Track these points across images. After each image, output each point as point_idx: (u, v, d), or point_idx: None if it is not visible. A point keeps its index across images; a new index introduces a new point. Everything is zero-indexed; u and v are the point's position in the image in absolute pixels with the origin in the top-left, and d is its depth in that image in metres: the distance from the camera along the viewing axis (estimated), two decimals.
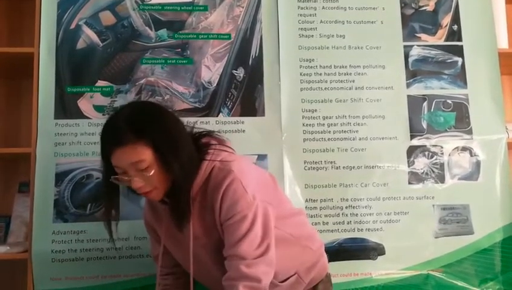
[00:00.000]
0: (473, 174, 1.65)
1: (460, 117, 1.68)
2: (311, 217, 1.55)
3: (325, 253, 1.25)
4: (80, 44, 1.59)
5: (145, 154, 0.99)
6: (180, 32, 1.63)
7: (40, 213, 1.48)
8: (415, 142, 1.65)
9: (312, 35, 1.68)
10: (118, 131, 1.00)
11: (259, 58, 1.65)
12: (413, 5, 1.74)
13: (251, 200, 1.02)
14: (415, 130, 1.66)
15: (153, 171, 1.00)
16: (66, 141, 1.54)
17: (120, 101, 1.57)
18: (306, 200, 1.58)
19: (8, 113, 1.81)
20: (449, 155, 1.65)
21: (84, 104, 1.57)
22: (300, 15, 1.69)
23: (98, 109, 1.57)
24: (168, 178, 1.03)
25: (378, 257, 1.56)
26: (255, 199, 1.03)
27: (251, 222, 1.02)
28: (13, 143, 1.75)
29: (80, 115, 1.56)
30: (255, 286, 0.99)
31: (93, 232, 1.49)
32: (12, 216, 1.63)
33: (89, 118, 1.56)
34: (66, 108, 1.56)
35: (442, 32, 1.74)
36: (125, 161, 0.99)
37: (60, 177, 1.51)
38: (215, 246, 1.08)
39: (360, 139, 1.63)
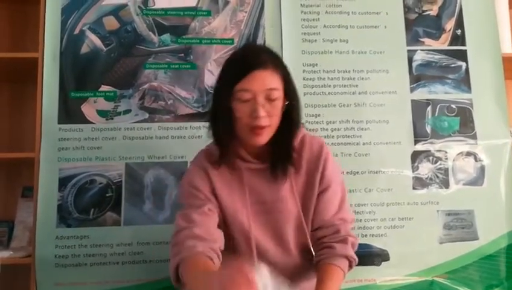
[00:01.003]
0: (477, 180, 1.64)
1: (464, 122, 1.68)
2: None
3: None
4: (84, 49, 1.60)
5: (279, 87, 1.02)
6: (184, 37, 1.64)
7: (43, 218, 1.49)
8: (419, 147, 1.64)
9: (315, 40, 1.68)
10: (262, 55, 1.03)
11: None
12: (416, 10, 1.74)
13: (340, 173, 1.18)
14: (419, 135, 1.65)
15: (278, 105, 1.02)
16: (70, 145, 1.54)
17: (123, 105, 1.58)
18: None
19: (12, 118, 1.81)
20: (453, 160, 1.65)
21: (88, 109, 1.57)
22: (304, 20, 1.69)
23: (102, 113, 1.57)
24: (279, 121, 1.06)
25: (383, 262, 1.55)
26: None
27: (343, 190, 1.15)
28: (17, 148, 1.76)
29: (83, 119, 1.56)
30: (355, 243, 1.12)
31: (97, 237, 1.49)
32: (16, 221, 1.64)
33: (92, 122, 1.56)
34: (69, 113, 1.56)
35: (446, 37, 1.74)
36: (263, 85, 1.00)
37: (63, 182, 1.52)
38: (297, 215, 1.11)
39: (363, 144, 1.62)
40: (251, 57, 1.04)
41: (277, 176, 1.09)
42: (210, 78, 1.62)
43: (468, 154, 1.66)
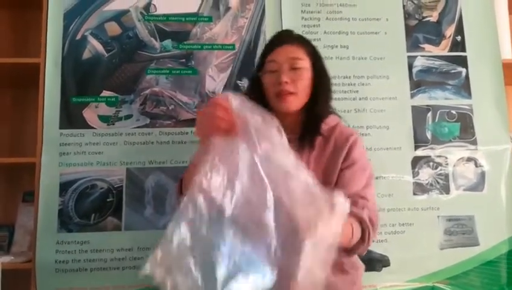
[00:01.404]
0: (478, 185, 1.65)
1: (464, 128, 1.68)
2: None
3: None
4: (86, 54, 1.61)
5: (304, 58, 1.14)
6: (185, 42, 1.65)
7: (44, 223, 1.49)
8: (420, 152, 1.65)
9: (316, 46, 1.68)
10: (291, 35, 1.20)
11: None
12: (416, 16, 1.75)
13: (367, 158, 1.17)
14: (419, 141, 1.65)
15: (303, 74, 1.12)
16: (71, 150, 1.54)
17: (125, 111, 1.59)
18: None
19: (13, 123, 1.82)
20: (454, 166, 1.65)
21: (89, 114, 1.57)
22: (304, 26, 1.70)
23: (103, 119, 1.58)
24: (309, 94, 1.14)
25: (383, 268, 1.55)
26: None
27: (369, 176, 1.14)
28: (18, 152, 1.76)
29: (84, 124, 1.57)
30: (374, 220, 1.08)
31: (97, 242, 1.49)
32: (16, 225, 1.64)
33: (93, 128, 1.57)
34: (71, 118, 1.56)
35: (446, 43, 1.74)
36: (286, 55, 1.13)
37: (64, 187, 1.52)
38: None
39: None
40: (281, 35, 1.23)
41: (304, 146, 1.14)
42: (211, 84, 1.63)
43: (469, 159, 1.66)
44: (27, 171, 1.64)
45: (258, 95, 1.16)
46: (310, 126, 1.15)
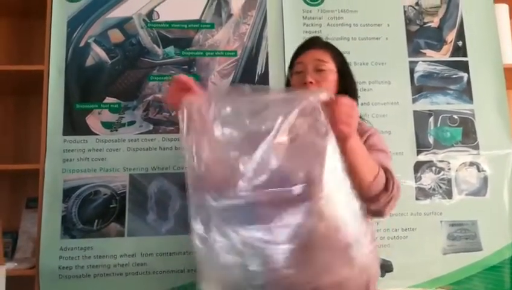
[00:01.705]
0: (480, 190, 1.65)
1: (466, 132, 1.68)
2: None
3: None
4: (89, 61, 1.62)
5: (329, 61, 1.19)
6: (187, 49, 1.66)
7: (47, 229, 1.49)
8: (422, 157, 1.65)
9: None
10: (318, 40, 1.29)
11: (265, 75, 1.66)
12: (417, 22, 1.76)
13: (386, 145, 1.16)
14: (421, 146, 1.66)
15: (328, 76, 1.17)
16: (74, 157, 1.55)
17: (128, 117, 1.60)
18: None
19: (17, 130, 1.83)
20: (456, 171, 1.65)
21: (92, 121, 1.58)
22: (306, 32, 1.70)
23: (106, 125, 1.59)
24: (336, 89, 1.17)
25: (386, 273, 1.54)
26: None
27: (390, 158, 1.13)
28: (21, 159, 1.77)
29: (88, 131, 1.58)
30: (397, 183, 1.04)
31: (100, 248, 1.50)
32: (20, 232, 1.64)
33: (96, 134, 1.58)
34: (74, 124, 1.57)
35: (447, 48, 1.75)
36: (312, 57, 1.19)
37: (67, 193, 1.53)
38: None
39: None
40: (310, 40, 1.30)
41: None
42: None
43: (471, 164, 1.66)
44: (30, 178, 1.64)
45: None
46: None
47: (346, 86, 1.21)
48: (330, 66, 1.19)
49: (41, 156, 1.54)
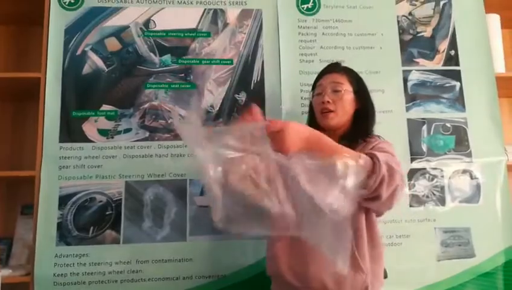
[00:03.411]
0: (473, 197, 1.66)
1: (459, 140, 1.70)
2: None
3: None
4: (86, 69, 1.63)
5: (345, 83, 1.30)
6: (184, 57, 1.67)
7: (43, 236, 1.49)
8: (415, 165, 1.67)
9: (312, 60, 1.71)
10: (337, 65, 1.39)
11: (261, 83, 1.68)
12: (411, 31, 1.79)
13: (394, 152, 1.18)
14: (415, 153, 1.68)
15: (344, 96, 1.28)
16: (70, 164, 1.56)
17: (124, 124, 1.60)
18: None
19: (13, 137, 1.83)
20: (449, 178, 1.67)
21: (89, 128, 1.59)
22: (301, 41, 1.73)
23: (102, 132, 1.59)
24: (350, 115, 1.29)
25: None
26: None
27: (394, 156, 1.14)
28: (16, 166, 1.77)
29: (84, 138, 1.58)
30: (394, 167, 1.07)
31: (96, 255, 1.50)
32: (15, 238, 1.64)
33: (93, 141, 1.58)
34: (70, 132, 1.58)
35: (440, 57, 1.78)
36: (330, 80, 1.31)
37: (63, 200, 1.53)
38: None
39: None
40: (330, 65, 1.40)
41: None
42: (210, 98, 1.65)
43: (464, 172, 1.68)
44: (25, 184, 1.65)
45: (312, 114, 1.38)
46: (346, 139, 1.25)
47: (363, 104, 1.32)
48: (346, 87, 1.30)
49: (37, 163, 1.54)
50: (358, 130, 1.30)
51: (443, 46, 1.79)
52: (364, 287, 1.16)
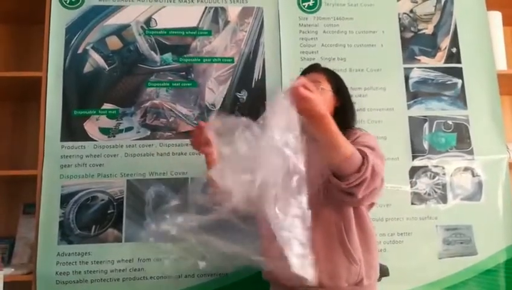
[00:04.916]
0: (475, 195, 1.66)
1: (461, 138, 1.70)
2: None
3: None
4: (87, 68, 1.63)
5: (323, 81, 1.33)
6: (185, 56, 1.67)
7: (45, 235, 1.49)
8: (417, 162, 1.66)
9: (313, 58, 1.71)
10: (317, 66, 1.44)
11: (262, 81, 1.68)
12: (412, 29, 1.79)
13: (377, 144, 1.19)
14: (416, 151, 1.67)
15: (322, 94, 1.29)
16: (72, 163, 1.56)
17: (125, 123, 1.61)
18: None
19: (15, 136, 1.83)
20: (451, 175, 1.67)
21: (90, 127, 1.59)
22: (302, 39, 1.73)
23: (104, 131, 1.60)
24: (330, 112, 1.21)
25: (382, 278, 1.54)
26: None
27: (381, 156, 1.15)
28: (18, 165, 1.77)
29: (85, 137, 1.58)
30: (376, 163, 1.09)
31: (98, 254, 1.50)
32: (17, 237, 1.64)
33: (94, 140, 1.58)
34: (72, 130, 1.58)
35: (442, 55, 1.77)
36: (308, 79, 1.24)
37: (65, 199, 1.53)
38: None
39: None
40: (310, 66, 1.45)
41: None
42: (211, 96, 1.65)
43: (466, 169, 1.68)
44: (27, 183, 1.65)
45: None
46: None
47: (342, 102, 1.34)
48: (325, 86, 1.32)
49: (39, 162, 1.54)
50: (337, 124, 1.26)
51: (444, 43, 1.78)
52: (360, 280, 1.16)
